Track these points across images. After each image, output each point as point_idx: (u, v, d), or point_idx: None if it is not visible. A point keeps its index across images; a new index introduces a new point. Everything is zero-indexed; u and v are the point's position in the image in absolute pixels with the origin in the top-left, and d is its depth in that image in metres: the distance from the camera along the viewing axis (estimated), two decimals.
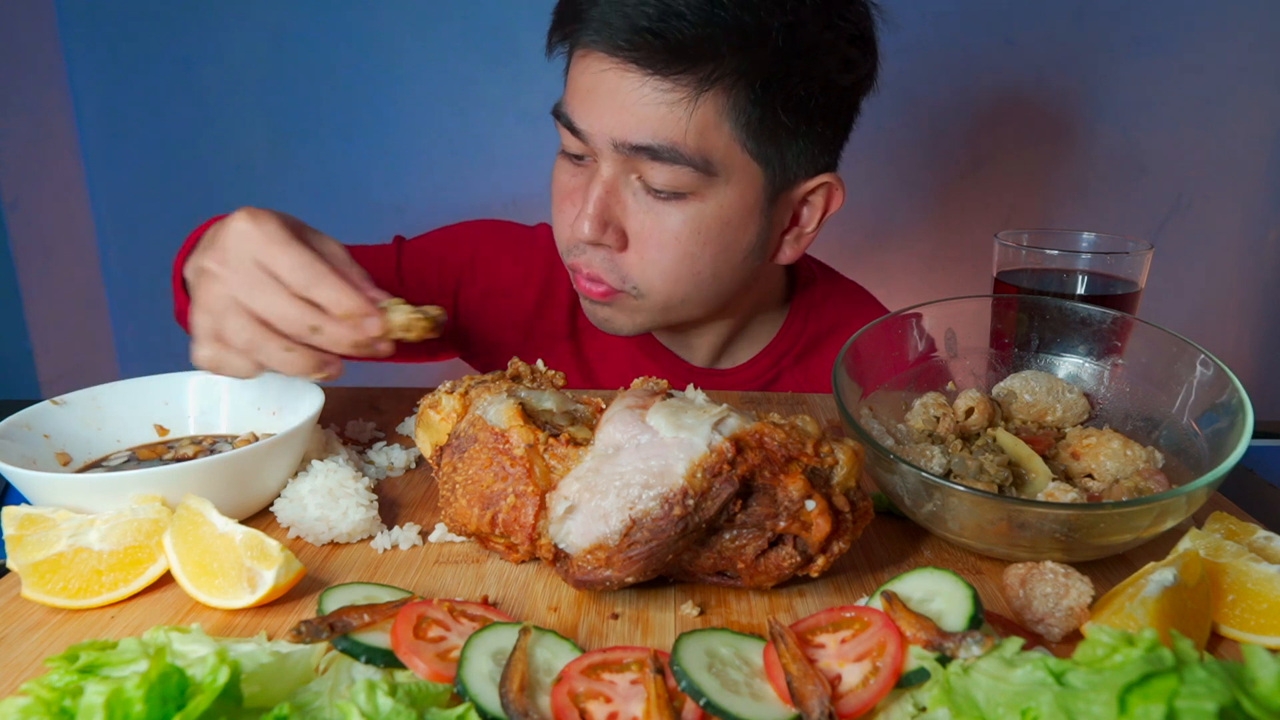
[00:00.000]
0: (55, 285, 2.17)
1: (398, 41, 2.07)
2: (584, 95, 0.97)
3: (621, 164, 0.98)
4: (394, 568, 0.71)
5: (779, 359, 1.26)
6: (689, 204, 0.98)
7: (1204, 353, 0.77)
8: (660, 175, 0.95)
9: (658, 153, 0.94)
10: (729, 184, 0.98)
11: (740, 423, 0.63)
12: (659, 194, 0.97)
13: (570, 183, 1.04)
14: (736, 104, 0.94)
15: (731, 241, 1.02)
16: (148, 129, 2.17)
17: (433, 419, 0.75)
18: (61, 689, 0.46)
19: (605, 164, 0.98)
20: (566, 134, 1.01)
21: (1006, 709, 0.45)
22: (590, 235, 0.98)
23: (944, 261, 2.23)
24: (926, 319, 0.90)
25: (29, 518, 0.67)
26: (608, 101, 0.94)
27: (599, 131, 0.96)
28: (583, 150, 1.00)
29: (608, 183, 0.98)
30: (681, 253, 1.00)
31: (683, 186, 0.96)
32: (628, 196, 0.99)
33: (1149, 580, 0.58)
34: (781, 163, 1.00)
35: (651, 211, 0.99)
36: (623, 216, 1.00)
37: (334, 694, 0.51)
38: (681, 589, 0.68)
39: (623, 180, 0.99)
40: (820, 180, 1.05)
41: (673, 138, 0.93)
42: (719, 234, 1.00)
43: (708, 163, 0.95)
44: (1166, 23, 1.99)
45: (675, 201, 0.98)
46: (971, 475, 0.74)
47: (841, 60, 0.99)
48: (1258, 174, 2.12)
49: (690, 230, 0.99)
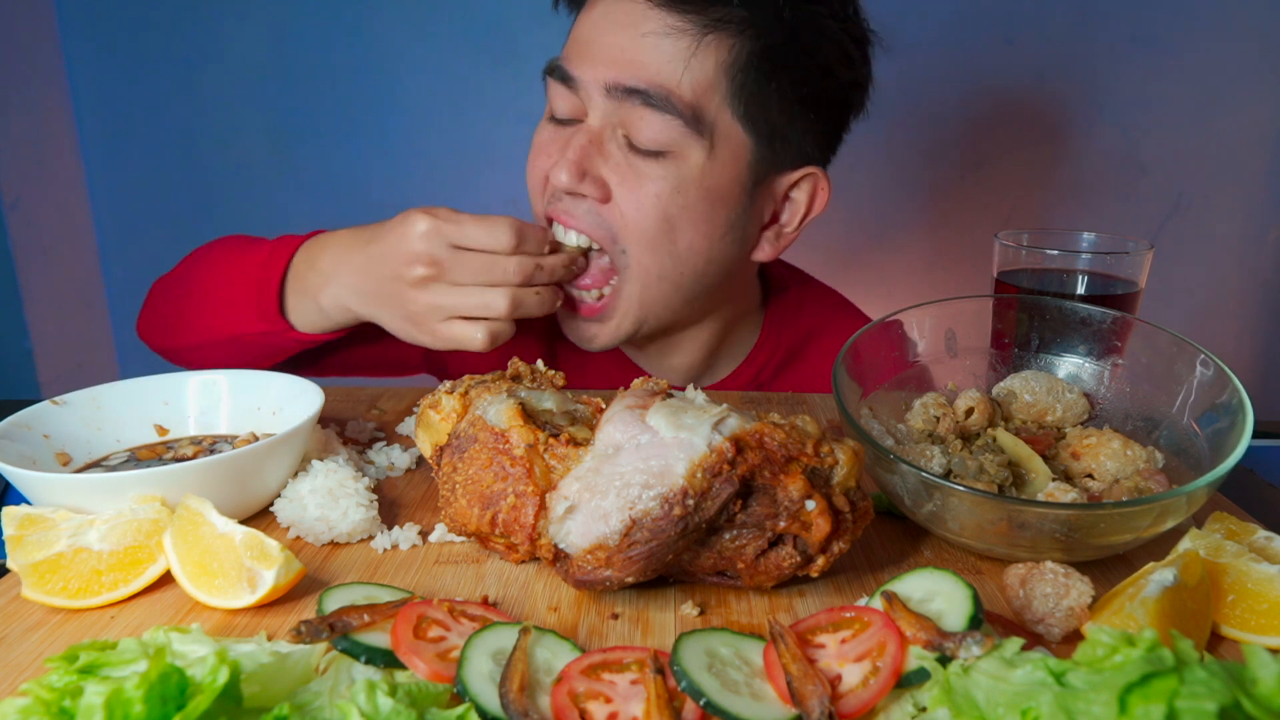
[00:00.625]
0: (55, 285, 2.17)
1: (398, 41, 2.07)
2: (584, 44, 0.98)
3: (609, 114, 0.97)
4: (394, 568, 0.71)
5: (758, 372, 1.25)
6: (670, 163, 0.97)
7: (1204, 353, 0.77)
8: (648, 126, 0.95)
9: (651, 98, 0.93)
10: (715, 148, 0.97)
11: (740, 423, 0.63)
12: (643, 151, 0.96)
13: (550, 139, 1.03)
14: (736, 61, 0.94)
15: (711, 211, 1.00)
16: (148, 129, 2.17)
17: (433, 419, 0.75)
18: (61, 689, 0.46)
19: (594, 114, 0.98)
20: (556, 92, 1.01)
21: (1006, 709, 0.45)
22: (567, 182, 0.97)
23: (944, 261, 2.23)
24: (926, 319, 0.90)
25: (29, 518, 0.67)
26: (609, 45, 0.95)
27: (593, 77, 0.96)
28: (571, 109, 1.00)
29: (593, 133, 0.98)
30: (660, 214, 0.98)
31: (668, 142, 0.95)
32: (611, 149, 0.98)
33: (1149, 580, 0.58)
34: (771, 142, 1.00)
35: (633, 165, 0.98)
36: (603, 168, 0.98)
37: (334, 694, 0.50)
38: (681, 589, 0.68)
39: (609, 134, 0.98)
40: (805, 171, 1.04)
41: (668, 84, 0.93)
42: (699, 200, 0.99)
43: (698, 118, 0.94)
44: (1166, 23, 1.99)
45: (658, 159, 0.97)
46: (971, 475, 0.74)
47: (841, 53, 1.00)
48: (1258, 174, 2.12)
49: (670, 190, 0.97)
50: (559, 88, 1.00)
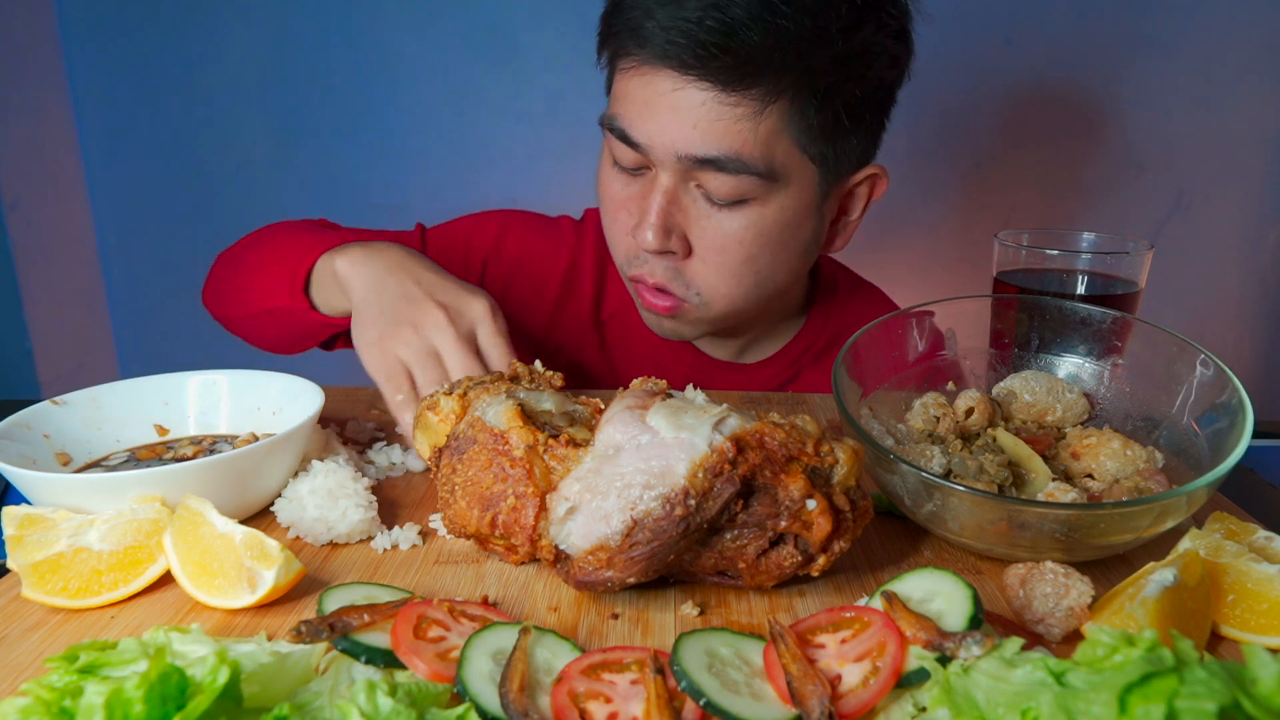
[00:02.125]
0: (55, 285, 2.17)
1: (398, 41, 2.07)
2: (642, 107, 0.96)
3: (682, 174, 0.97)
4: (394, 568, 0.71)
5: (799, 357, 1.26)
6: (751, 209, 0.98)
7: (1204, 353, 0.77)
8: (724, 185, 0.95)
9: (723, 164, 0.94)
10: (788, 187, 0.98)
11: (741, 422, 0.63)
12: (719, 202, 0.97)
13: (624, 192, 1.03)
14: (798, 111, 0.94)
15: (790, 241, 1.03)
16: (148, 129, 2.17)
17: (431, 420, 0.75)
18: (61, 689, 0.46)
19: (664, 174, 0.97)
20: (620, 146, 0.99)
21: (1006, 709, 0.45)
22: (655, 244, 0.98)
23: (944, 261, 2.23)
24: (927, 318, 0.90)
25: (29, 518, 0.67)
26: (670, 115, 0.94)
27: (661, 145, 0.95)
28: (637, 163, 1.00)
29: (669, 191, 0.98)
30: (744, 256, 1.00)
31: (745, 194, 0.97)
32: (689, 204, 0.99)
33: (1149, 580, 0.58)
34: (835, 160, 1.01)
35: (713, 219, 0.99)
36: (685, 224, 1.00)
37: (334, 694, 0.50)
38: (682, 589, 0.68)
39: (683, 189, 0.98)
40: (868, 172, 1.07)
41: (738, 149, 0.93)
42: (779, 235, 1.01)
43: (771, 170, 0.95)
44: (1167, 23, 1.99)
45: (737, 208, 0.98)
46: (971, 475, 0.74)
47: (890, 58, 1.00)
48: (1258, 174, 2.12)
49: (753, 235, 0.99)
50: (620, 144, 0.99)
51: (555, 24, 2.03)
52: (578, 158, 2.04)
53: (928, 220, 2.20)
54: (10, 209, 2.03)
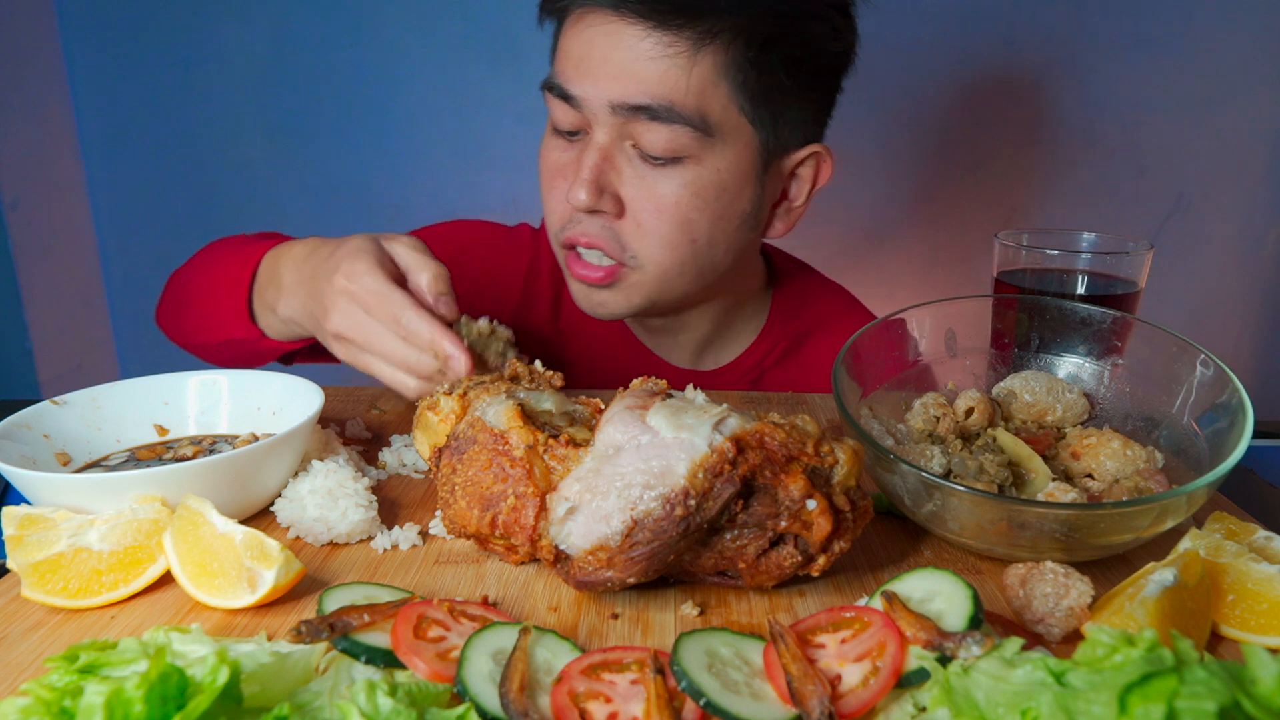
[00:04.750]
0: (55, 285, 2.17)
1: (398, 41, 2.07)
2: (579, 61, 0.97)
3: (617, 129, 0.97)
4: (394, 568, 0.71)
5: (762, 359, 1.25)
6: (685, 168, 0.98)
7: (1204, 353, 0.77)
8: (657, 138, 0.95)
9: (656, 112, 0.94)
10: (725, 146, 0.98)
11: (741, 423, 0.63)
12: (655, 160, 0.97)
13: (561, 158, 1.03)
14: (734, 62, 0.95)
15: (728, 207, 1.02)
16: (148, 129, 2.17)
17: (431, 420, 0.75)
18: (61, 689, 0.46)
19: (600, 131, 0.97)
20: (558, 107, 1.00)
21: (1006, 709, 0.45)
22: (587, 201, 0.97)
23: (944, 261, 2.23)
24: (927, 319, 0.90)
25: (29, 518, 0.67)
26: (606, 63, 0.94)
27: (595, 95, 0.95)
28: (575, 124, 1.00)
29: (603, 148, 0.98)
30: (680, 219, 0.99)
31: (679, 149, 0.96)
32: (623, 163, 0.99)
33: (1149, 580, 0.58)
34: (774, 128, 1.01)
35: (647, 178, 0.98)
36: (618, 183, 0.99)
37: (334, 694, 0.50)
38: (682, 589, 0.68)
39: (617, 147, 0.98)
40: (810, 150, 1.06)
41: (671, 96, 0.93)
42: (716, 199, 1.00)
43: (705, 122, 0.95)
44: (1167, 22, 1.99)
45: (671, 166, 0.97)
46: (971, 475, 0.74)
47: (830, 26, 1.01)
48: (1258, 174, 2.12)
49: (688, 195, 0.98)
50: (560, 104, 1.00)
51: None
52: None
53: (928, 220, 2.20)
54: (10, 209, 2.03)
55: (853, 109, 2.11)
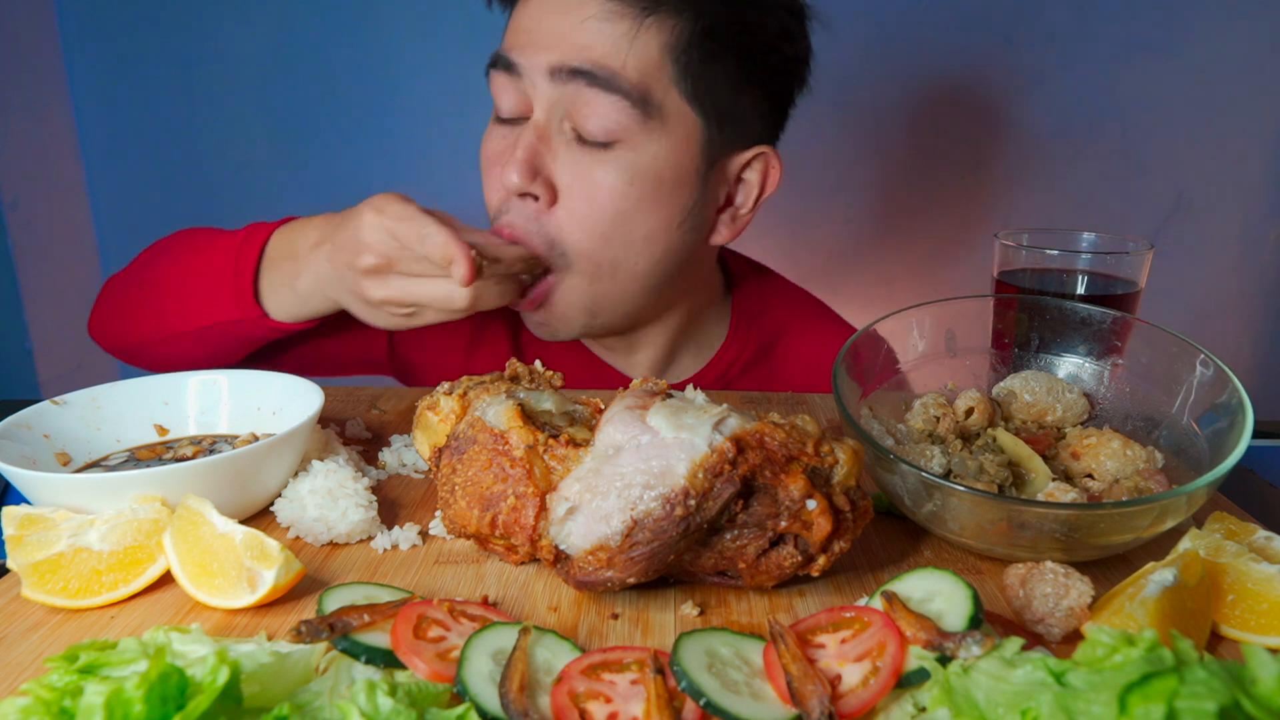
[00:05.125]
0: (55, 285, 2.16)
1: (398, 41, 2.07)
2: (524, 31, 0.96)
3: (555, 103, 0.95)
4: (394, 568, 0.71)
5: (725, 370, 1.23)
6: (622, 153, 0.95)
7: (1204, 353, 0.77)
8: (595, 112, 0.93)
9: (596, 77, 0.92)
10: (665, 133, 0.96)
11: (741, 423, 0.63)
12: (592, 143, 0.95)
13: (500, 145, 1.01)
14: (679, 42, 0.94)
15: (666, 201, 0.98)
16: (148, 129, 2.17)
17: (431, 420, 0.75)
18: (61, 689, 0.46)
19: (539, 107, 0.96)
20: (500, 85, 0.99)
21: (1006, 709, 0.45)
22: (519, 183, 0.95)
23: (944, 261, 2.23)
24: (927, 319, 0.90)
25: (29, 518, 0.67)
26: (550, 27, 0.94)
27: (537, 63, 0.94)
28: (515, 105, 0.98)
29: (540, 128, 0.96)
30: (614, 209, 0.96)
31: (617, 130, 0.94)
32: (559, 145, 0.97)
33: (1149, 580, 0.58)
34: (719, 122, 0.99)
35: (583, 162, 0.96)
36: (553, 167, 0.97)
37: (334, 694, 0.50)
38: (681, 589, 0.68)
39: (555, 129, 0.96)
40: (757, 151, 1.04)
41: (611, 63, 0.92)
42: (653, 190, 0.97)
43: (645, 99, 0.93)
44: (1166, 23, 1.99)
45: (608, 150, 0.95)
46: (971, 475, 0.74)
47: (782, 28, 1.01)
48: (1258, 174, 2.12)
49: (624, 183, 0.95)
50: (502, 79, 0.98)
51: None
52: None
53: (928, 220, 2.20)
54: (10, 209, 2.03)
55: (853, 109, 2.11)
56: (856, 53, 1.92)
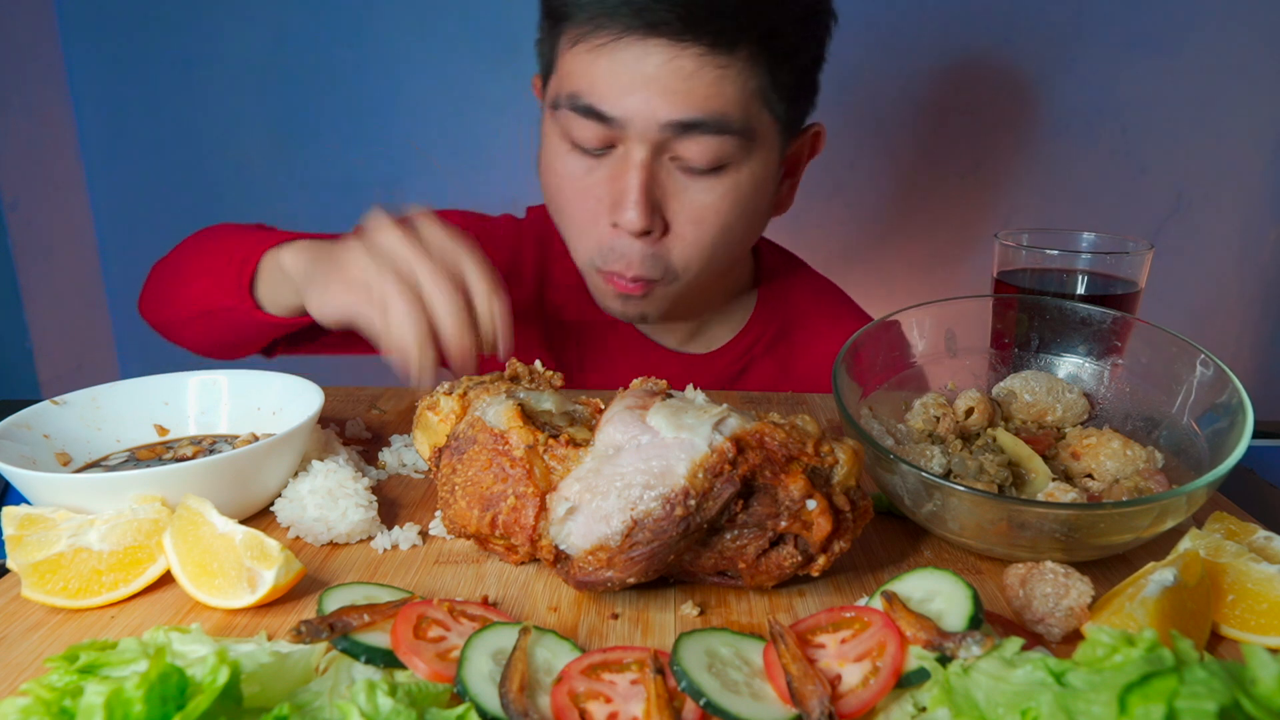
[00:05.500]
0: (55, 285, 2.16)
1: (398, 41, 2.07)
2: (618, 80, 0.93)
3: (656, 146, 0.95)
4: (394, 568, 0.71)
5: (751, 346, 1.25)
6: (727, 176, 0.98)
7: (1204, 353, 0.77)
8: (705, 150, 0.95)
9: (709, 126, 0.93)
10: (759, 149, 1.00)
11: (741, 423, 0.63)
12: (696, 171, 0.97)
13: (588, 178, 1.00)
14: (770, 70, 0.97)
15: (758, 205, 1.05)
16: (148, 129, 2.17)
17: (431, 420, 0.75)
18: (61, 689, 0.46)
19: (638, 148, 0.95)
20: (583, 126, 0.96)
21: (1006, 709, 0.45)
22: (641, 223, 0.96)
23: (944, 261, 2.23)
24: (927, 319, 0.90)
25: (29, 518, 0.67)
26: (652, 82, 0.92)
27: (644, 115, 0.93)
28: (605, 141, 0.97)
29: (647, 166, 0.96)
30: (720, 226, 1.00)
31: (723, 159, 0.96)
32: (664, 178, 0.98)
33: (1149, 580, 0.58)
34: (790, 120, 1.04)
35: (690, 190, 0.98)
36: (662, 200, 0.98)
37: (334, 694, 0.50)
38: (681, 589, 0.68)
39: (657, 162, 0.97)
40: (813, 130, 1.11)
41: (724, 109, 0.94)
42: (751, 200, 1.02)
43: (748, 130, 0.97)
44: (1166, 23, 1.99)
45: (714, 175, 0.98)
46: (971, 475, 0.74)
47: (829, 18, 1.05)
48: (1258, 174, 2.12)
49: (730, 202, 0.99)
50: (586, 122, 0.96)
51: None
52: None
53: (928, 220, 2.20)
54: (10, 209, 2.03)
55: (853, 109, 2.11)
56: (856, 53, 1.92)
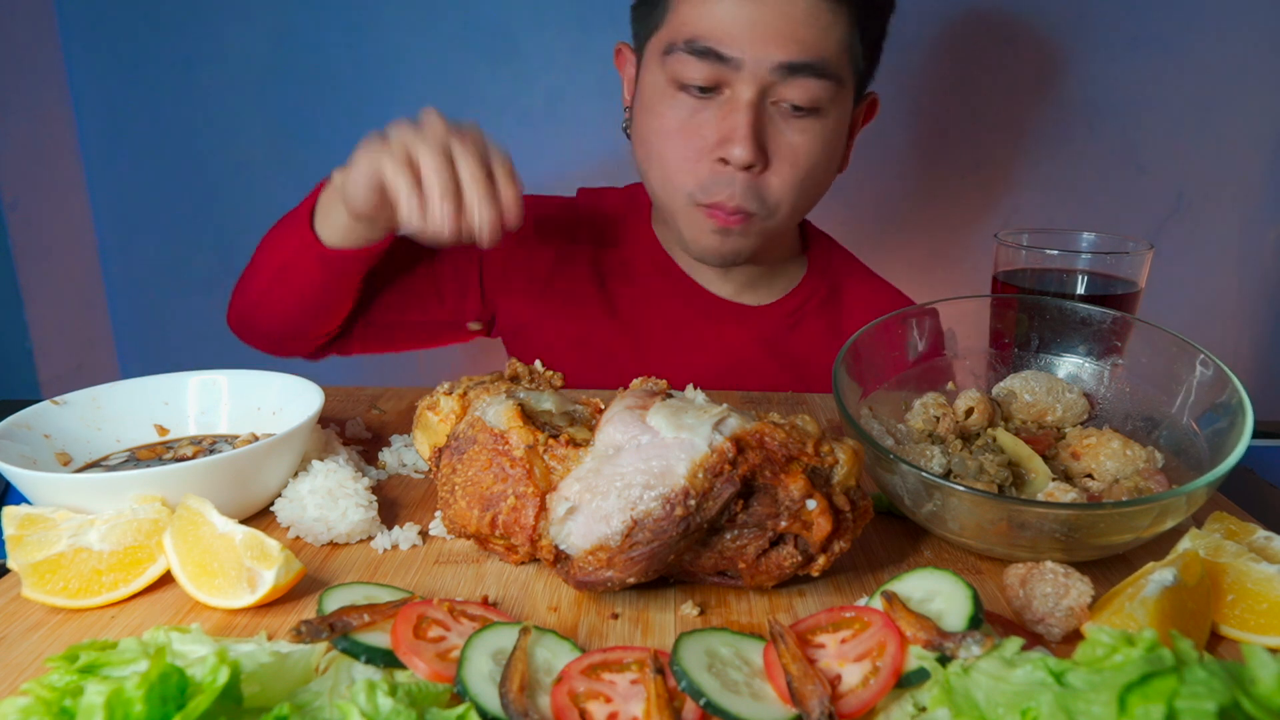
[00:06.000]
0: (55, 285, 2.16)
1: (397, 41, 2.07)
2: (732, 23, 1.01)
3: (764, 87, 1.03)
4: (394, 568, 0.71)
5: (804, 303, 1.30)
6: (818, 119, 1.06)
7: (1204, 353, 0.77)
8: (804, 92, 1.03)
9: (813, 69, 1.02)
10: (844, 98, 1.09)
11: (741, 423, 0.63)
12: (797, 111, 1.05)
13: (693, 119, 1.07)
14: (862, 22, 1.05)
15: (836, 152, 1.13)
16: (148, 129, 2.17)
17: (431, 420, 0.75)
18: (61, 689, 0.46)
19: (746, 88, 1.02)
20: (697, 67, 1.03)
21: (1006, 709, 0.45)
22: (749, 157, 1.03)
23: (944, 261, 2.23)
24: (927, 318, 0.90)
25: (29, 518, 0.67)
26: (767, 25, 1.00)
27: (762, 57, 1.01)
28: (713, 81, 1.04)
29: (755, 105, 1.03)
30: (809, 167, 1.08)
31: (818, 101, 1.04)
32: (767, 118, 1.05)
33: (1149, 580, 0.58)
34: (862, 79, 1.13)
35: (786, 131, 1.06)
36: (763, 137, 1.05)
37: (334, 694, 0.50)
38: (681, 589, 0.68)
39: (762, 103, 1.04)
40: (871, 95, 1.19)
41: (827, 53, 1.02)
42: (833, 146, 1.11)
43: (840, 77, 1.05)
44: (1166, 23, 1.99)
45: (810, 117, 1.06)
46: (971, 475, 0.74)
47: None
48: (1258, 174, 2.12)
49: (821, 144, 1.08)
50: (700, 63, 1.03)
51: (555, 24, 2.03)
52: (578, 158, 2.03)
53: (928, 220, 2.20)
54: (10, 209, 2.03)
55: None
56: None
